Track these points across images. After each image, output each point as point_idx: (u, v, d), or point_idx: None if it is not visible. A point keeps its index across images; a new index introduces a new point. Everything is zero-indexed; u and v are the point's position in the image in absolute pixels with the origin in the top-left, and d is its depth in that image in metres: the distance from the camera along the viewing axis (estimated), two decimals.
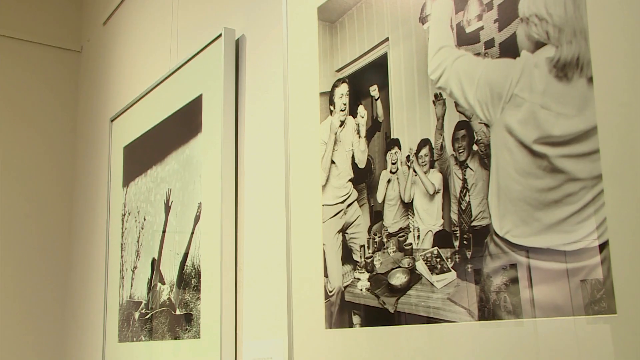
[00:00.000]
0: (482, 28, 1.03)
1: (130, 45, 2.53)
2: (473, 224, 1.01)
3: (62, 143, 3.02)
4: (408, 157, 1.15)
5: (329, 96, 1.36)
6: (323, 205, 1.35)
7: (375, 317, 1.18)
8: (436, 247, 1.08)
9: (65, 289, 2.90)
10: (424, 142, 1.12)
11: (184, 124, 1.92)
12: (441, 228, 1.07)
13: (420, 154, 1.13)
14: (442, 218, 1.07)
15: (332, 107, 1.35)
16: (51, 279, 2.90)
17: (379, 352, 1.16)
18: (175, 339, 1.83)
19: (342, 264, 1.28)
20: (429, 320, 1.07)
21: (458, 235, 1.04)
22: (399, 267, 1.15)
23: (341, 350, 1.25)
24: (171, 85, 2.03)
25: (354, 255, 1.25)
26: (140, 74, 2.40)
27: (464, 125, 1.04)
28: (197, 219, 1.79)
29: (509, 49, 0.98)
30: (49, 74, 3.04)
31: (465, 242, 1.02)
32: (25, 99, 2.96)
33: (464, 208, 1.03)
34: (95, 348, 2.49)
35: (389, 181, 1.19)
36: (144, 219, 2.11)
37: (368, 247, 1.22)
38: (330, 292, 1.30)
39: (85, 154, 2.89)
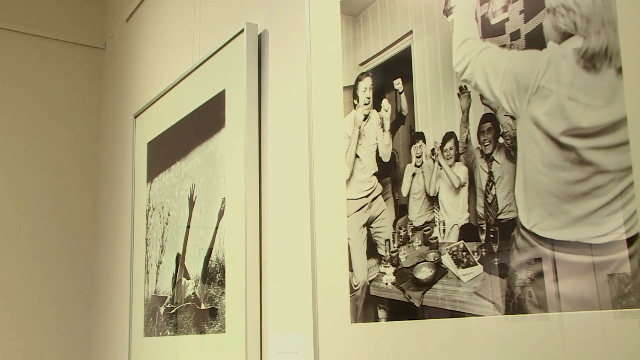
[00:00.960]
0: (507, 19, 1.02)
1: (153, 41, 2.54)
2: (499, 217, 1.00)
3: (86, 139, 3.05)
4: (433, 150, 1.15)
5: (353, 90, 1.36)
6: (347, 199, 1.34)
7: (401, 311, 1.18)
8: (462, 241, 1.07)
9: (91, 284, 2.93)
10: (449, 135, 1.11)
11: (207, 119, 1.93)
12: (467, 221, 1.06)
13: (445, 147, 1.12)
14: (468, 211, 1.06)
15: (355, 101, 1.35)
16: (77, 274, 2.93)
17: (405, 346, 1.16)
18: (201, 333, 1.84)
19: (367, 258, 1.28)
20: (455, 314, 1.07)
21: (484, 228, 1.03)
22: (425, 261, 1.14)
23: (366, 344, 1.25)
24: (194, 81, 2.04)
25: (378, 250, 1.25)
26: (163, 70, 2.41)
27: (490, 118, 1.04)
28: (221, 214, 1.79)
29: (535, 40, 0.96)
30: (73, 71, 3.07)
31: (491, 236, 1.02)
32: (50, 96, 2.99)
33: (490, 201, 1.03)
34: (121, 342, 2.52)
35: (413, 175, 1.19)
36: (168, 215, 2.12)
37: (393, 241, 1.22)
38: (355, 286, 1.30)
39: (110, 150, 2.91)
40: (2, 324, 2.75)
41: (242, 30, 1.75)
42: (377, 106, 1.29)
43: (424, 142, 1.17)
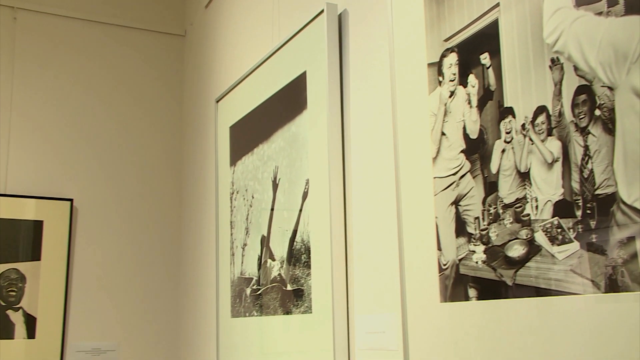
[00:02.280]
0: None
1: (233, 26, 2.57)
2: (597, 192, 0.97)
3: (169, 125, 3.12)
4: (523, 125, 1.12)
5: (438, 67, 1.34)
6: (434, 177, 1.33)
7: (493, 290, 1.16)
8: (556, 218, 1.04)
9: (178, 267, 3.01)
10: (541, 110, 1.08)
11: (289, 101, 1.94)
12: (561, 197, 1.03)
13: (536, 122, 1.09)
14: (562, 187, 1.03)
15: (440, 78, 1.33)
16: (164, 257, 3.01)
17: (497, 325, 1.14)
18: (287, 314, 1.87)
19: (456, 237, 1.26)
20: (550, 292, 1.04)
21: (580, 204, 1.00)
22: (517, 238, 1.12)
23: (457, 323, 1.23)
24: (275, 64, 2.05)
25: (468, 228, 1.23)
26: (243, 54, 2.43)
27: (585, 90, 1.00)
28: (305, 196, 1.80)
29: (636, 6, 0.92)
30: (156, 59, 3.14)
31: (588, 212, 0.98)
32: (134, 83, 3.07)
33: (586, 176, 0.99)
34: (209, 323, 2.58)
35: (503, 151, 1.16)
36: (252, 197, 2.15)
37: (483, 219, 1.20)
38: (444, 265, 1.28)
39: (192, 135, 2.97)
40: (96, 305, 2.86)
41: (322, 11, 1.75)
42: (463, 82, 1.27)
43: (514, 117, 1.14)
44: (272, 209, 2.00)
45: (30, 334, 2.70)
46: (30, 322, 2.71)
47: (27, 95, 2.88)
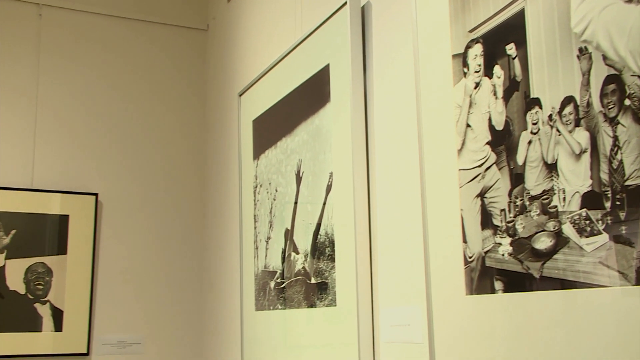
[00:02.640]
0: None
1: (255, 20, 2.57)
2: (626, 183, 0.95)
3: (192, 119, 3.13)
4: (550, 116, 1.10)
5: (462, 58, 1.33)
6: (459, 169, 1.32)
7: (520, 282, 1.15)
8: (585, 209, 1.03)
9: (201, 261, 3.03)
10: (568, 100, 1.07)
11: (312, 94, 1.93)
12: (590, 189, 1.02)
13: (563, 113, 1.08)
14: (591, 178, 1.02)
15: (465, 69, 1.32)
16: (188, 251, 3.03)
17: (523, 317, 1.13)
18: (311, 307, 1.87)
19: (482, 229, 1.25)
20: (578, 285, 1.03)
21: (609, 195, 0.98)
22: (544, 230, 1.11)
23: (483, 316, 1.23)
24: (297, 57, 2.05)
25: (493, 220, 1.22)
26: (266, 47, 2.43)
27: (614, 79, 0.98)
28: (328, 189, 1.80)
29: None
30: (178, 53, 3.15)
31: (617, 203, 0.97)
32: (157, 78, 3.09)
33: (615, 167, 0.98)
34: (233, 317, 2.59)
35: (529, 142, 1.15)
36: (276, 190, 2.15)
37: (509, 211, 1.19)
38: (470, 257, 1.27)
39: (215, 129, 2.98)
40: (121, 298, 2.88)
41: (345, 3, 1.74)
42: (488, 73, 1.25)
43: (540, 108, 1.13)
44: (296, 203, 2.00)
45: (58, 326, 2.74)
46: (57, 315, 2.74)
47: (53, 91, 2.91)
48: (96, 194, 2.87)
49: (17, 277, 2.71)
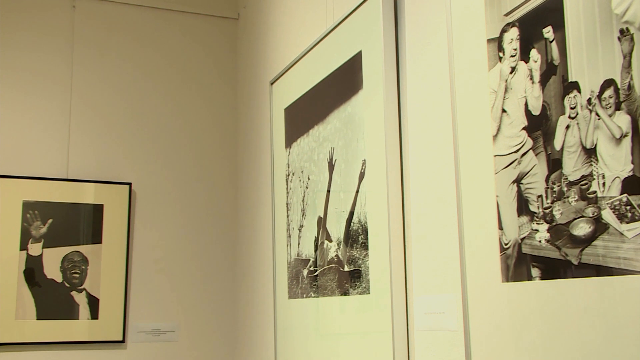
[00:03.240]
0: None
1: (286, 7, 2.56)
2: None
3: (224, 108, 3.14)
4: (589, 100, 1.08)
5: (498, 42, 1.31)
6: (494, 155, 1.30)
7: (557, 269, 1.13)
8: (625, 194, 1.01)
9: (234, 249, 3.04)
10: (608, 83, 1.05)
11: (344, 81, 1.92)
12: (631, 174, 1.00)
13: (603, 96, 1.05)
14: (632, 163, 1.00)
15: (501, 54, 1.30)
16: (221, 239, 3.05)
17: (561, 304, 1.12)
18: (344, 294, 1.86)
19: (518, 216, 1.23)
20: (618, 271, 1.01)
21: None
22: (582, 216, 1.09)
23: (520, 303, 1.21)
24: (329, 44, 2.04)
25: (530, 206, 1.20)
26: (297, 35, 2.43)
27: None
28: (361, 176, 1.79)
29: None
30: (210, 43, 3.16)
31: None
32: (189, 68, 3.10)
33: None
34: (266, 305, 2.60)
35: (567, 127, 1.13)
36: (308, 179, 2.15)
37: (546, 197, 1.17)
38: (506, 244, 1.26)
39: (247, 118, 2.98)
40: (156, 286, 2.91)
41: None
42: (524, 57, 1.23)
43: (579, 92, 1.10)
44: (329, 190, 2.00)
45: (94, 314, 2.77)
46: (93, 303, 2.78)
47: (87, 82, 2.94)
48: (130, 184, 2.90)
49: (54, 265, 2.76)
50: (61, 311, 2.74)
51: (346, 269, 1.86)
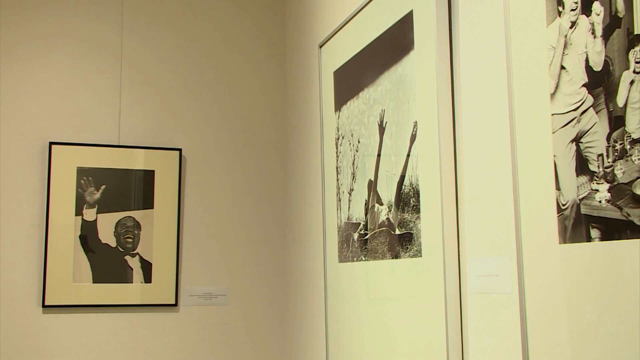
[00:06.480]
0: None
1: None
2: None
3: (272, 73, 3.13)
4: None
5: None
6: (552, 114, 1.26)
7: (618, 230, 1.10)
8: None
9: (284, 213, 3.05)
10: None
11: (395, 42, 1.89)
12: None
13: None
14: None
15: (560, 8, 1.25)
16: (270, 204, 3.06)
17: (621, 266, 1.08)
18: (395, 258, 1.85)
19: (577, 176, 1.20)
20: None
21: None
22: None
23: (578, 265, 1.18)
24: (379, 4, 2.00)
25: (590, 166, 1.17)
26: None
27: None
28: (413, 139, 1.77)
29: None
30: (257, 7, 3.14)
31: None
32: (237, 33, 3.09)
33: None
34: (316, 269, 2.61)
35: (632, 82, 1.08)
36: (358, 142, 2.13)
37: (607, 156, 1.13)
38: (564, 205, 1.22)
39: (296, 82, 2.97)
40: (206, 251, 2.95)
41: None
42: (586, 11, 1.18)
43: None
44: (379, 154, 1.98)
45: (147, 278, 2.82)
46: (146, 267, 2.83)
47: (136, 49, 2.96)
48: (180, 149, 2.92)
49: (108, 230, 2.81)
50: (116, 275, 2.80)
51: (397, 232, 1.84)
